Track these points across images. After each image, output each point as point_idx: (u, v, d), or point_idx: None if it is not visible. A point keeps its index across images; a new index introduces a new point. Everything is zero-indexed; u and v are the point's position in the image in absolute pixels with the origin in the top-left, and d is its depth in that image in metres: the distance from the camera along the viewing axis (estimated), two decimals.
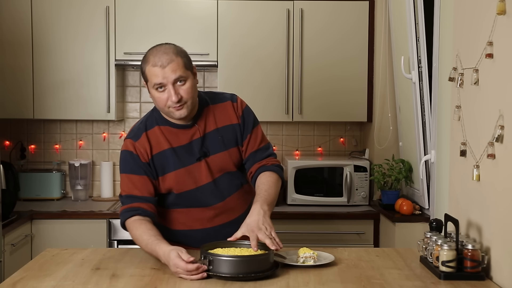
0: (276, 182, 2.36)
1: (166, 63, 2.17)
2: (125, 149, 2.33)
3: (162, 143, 2.30)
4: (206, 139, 2.32)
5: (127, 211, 2.26)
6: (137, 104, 4.34)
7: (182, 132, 2.31)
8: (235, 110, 2.38)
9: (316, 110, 4.02)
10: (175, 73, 2.18)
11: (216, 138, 2.33)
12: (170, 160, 2.30)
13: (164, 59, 2.18)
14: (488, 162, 2.04)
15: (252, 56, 3.98)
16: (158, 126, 2.32)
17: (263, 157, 2.42)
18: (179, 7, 3.96)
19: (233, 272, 1.97)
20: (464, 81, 2.27)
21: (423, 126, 3.29)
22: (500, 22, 1.98)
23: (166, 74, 2.18)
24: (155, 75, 2.19)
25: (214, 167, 2.33)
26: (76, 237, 3.66)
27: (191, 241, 2.35)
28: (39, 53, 3.92)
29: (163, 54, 2.19)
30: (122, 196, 2.32)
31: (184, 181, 2.31)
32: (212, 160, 2.33)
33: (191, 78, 2.23)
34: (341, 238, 3.73)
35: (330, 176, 3.98)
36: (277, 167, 2.41)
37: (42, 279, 2.00)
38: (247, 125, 2.39)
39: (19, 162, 4.21)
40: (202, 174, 2.32)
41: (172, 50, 2.21)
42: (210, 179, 2.33)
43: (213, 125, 2.34)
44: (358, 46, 4.00)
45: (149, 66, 2.20)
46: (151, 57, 2.21)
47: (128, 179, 2.30)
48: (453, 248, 2.02)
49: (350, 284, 1.96)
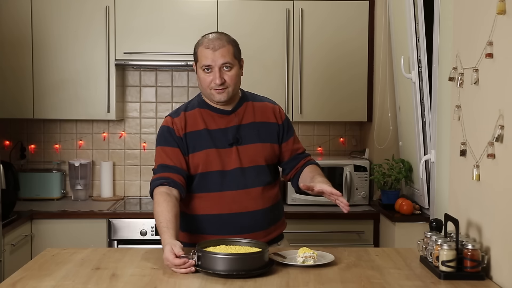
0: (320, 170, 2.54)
1: (218, 47, 2.33)
2: (163, 125, 2.46)
3: (198, 123, 2.42)
4: (241, 129, 2.43)
5: (158, 179, 2.36)
6: (137, 104, 4.34)
7: (220, 117, 2.43)
8: (275, 112, 2.52)
9: (316, 110, 4.02)
10: (224, 58, 2.33)
11: (252, 130, 2.44)
12: (203, 140, 2.40)
13: (216, 43, 2.33)
14: (488, 162, 2.04)
15: (252, 56, 3.97)
16: (198, 109, 2.44)
17: (304, 156, 2.58)
18: (179, 7, 3.96)
19: (223, 269, 1.99)
20: (464, 81, 2.27)
21: (423, 126, 3.29)
22: (500, 22, 1.98)
23: (215, 57, 2.32)
24: (205, 56, 2.34)
25: (244, 156, 2.41)
26: (76, 237, 3.66)
27: (207, 227, 2.41)
28: (39, 53, 3.92)
29: (217, 39, 2.35)
30: (155, 168, 2.42)
31: (212, 161, 2.39)
32: (243, 149, 2.41)
33: (237, 67, 2.39)
34: (341, 238, 3.73)
35: (330, 176, 3.95)
36: (316, 163, 2.58)
37: (42, 279, 2.00)
38: (289, 129, 2.54)
39: (19, 162, 4.21)
40: (232, 159, 2.40)
41: (225, 38, 2.37)
42: (238, 166, 2.40)
43: (251, 118, 2.46)
44: (358, 46, 4.00)
45: (201, 48, 2.35)
46: (206, 40, 2.37)
47: (162, 150, 2.41)
48: (453, 248, 2.02)
49: (350, 284, 1.96)
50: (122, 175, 4.32)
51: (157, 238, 2.26)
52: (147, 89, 4.34)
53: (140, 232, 3.66)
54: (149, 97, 4.34)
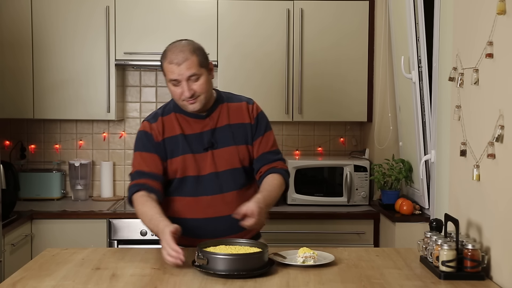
0: (280, 185, 2.46)
1: (182, 61, 2.32)
2: (141, 130, 2.48)
3: (175, 129, 2.43)
4: (216, 132, 2.44)
5: (135, 186, 2.39)
6: (137, 104, 4.34)
7: (195, 121, 2.44)
8: (249, 111, 2.50)
9: (316, 110, 4.02)
10: (190, 70, 2.32)
11: (226, 132, 2.44)
12: (180, 145, 2.42)
13: (180, 57, 2.32)
14: (488, 162, 2.04)
15: (252, 56, 3.98)
16: (174, 113, 2.46)
17: (273, 159, 2.50)
18: (179, 7, 3.96)
19: (223, 269, 2.00)
20: (464, 81, 2.28)
21: (423, 126, 3.29)
22: (500, 22, 1.98)
23: (181, 72, 2.32)
24: (171, 71, 2.34)
25: (219, 160, 2.42)
26: (76, 237, 3.66)
27: (184, 229, 2.33)
28: (39, 53, 3.92)
29: (180, 52, 2.34)
30: (132, 173, 2.44)
31: (189, 166, 2.41)
32: (218, 153, 2.43)
33: (206, 74, 2.37)
34: (341, 238, 3.73)
35: (330, 176, 3.98)
36: (285, 172, 2.52)
37: (42, 279, 2.00)
38: (260, 127, 2.49)
39: (19, 162, 4.21)
40: (207, 164, 2.42)
41: (188, 48, 2.35)
42: (213, 170, 2.42)
43: (225, 121, 2.46)
44: (358, 46, 4.00)
45: (166, 63, 2.36)
46: (169, 53, 2.36)
47: (139, 156, 2.43)
48: (453, 248, 2.02)
49: (350, 284, 1.96)
50: (122, 175, 4.32)
51: (157, 238, 2.27)
52: (147, 89, 4.34)
53: (140, 232, 3.66)
54: (149, 97, 4.34)
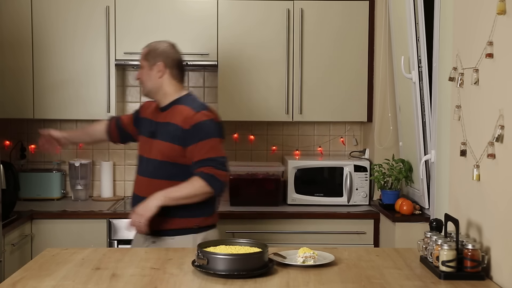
0: (193, 184, 2.65)
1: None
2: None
3: (147, 112, 2.93)
4: (158, 125, 2.80)
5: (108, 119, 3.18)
6: (137, 104, 4.33)
7: (157, 111, 2.86)
8: (187, 118, 2.71)
9: (316, 110, 4.02)
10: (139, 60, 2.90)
11: (163, 128, 2.77)
12: (143, 126, 2.91)
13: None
14: (488, 162, 2.04)
15: (252, 56, 3.97)
16: (155, 101, 2.92)
17: (202, 165, 2.66)
18: (179, 7, 3.95)
19: (223, 269, 2.00)
20: (464, 81, 2.28)
21: (423, 126, 3.29)
22: (500, 22, 1.98)
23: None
24: None
25: (155, 149, 2.76)
26: (76, 237, 3.66)
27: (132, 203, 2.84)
28: (39, 53, 3.92)
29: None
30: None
31: (142, 146, 2.88)
32: (155, 143, 2.77)
33: (146, 68, 2.84)
34: (341, 238, 3.73)
35: (330, 176, 3.98)
36: (208, 176, 2.64)
37: (42, 279, 2.00)
38: (194, 135, 2.68)
39: (19, 162, 4.21)
40: (150, 149, 2.80)
41: (150, 43, 2.94)
42: (152, 156, 2.77)
43: (168, 118, 2.77)
44: (358, 46, 4.00)
45: None
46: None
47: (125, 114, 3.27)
48: (453, 248, 2.03)
49: (350, 284, 1.96)
50: (122, 175, 4.32)
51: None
52: None
53: None
54: (148, 97, 4.33)
